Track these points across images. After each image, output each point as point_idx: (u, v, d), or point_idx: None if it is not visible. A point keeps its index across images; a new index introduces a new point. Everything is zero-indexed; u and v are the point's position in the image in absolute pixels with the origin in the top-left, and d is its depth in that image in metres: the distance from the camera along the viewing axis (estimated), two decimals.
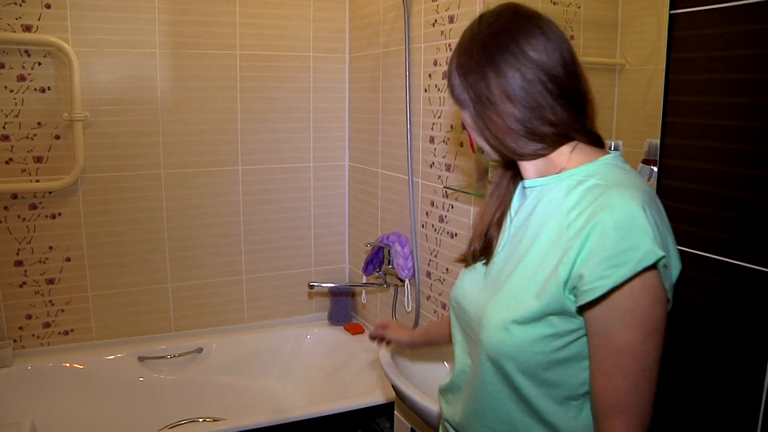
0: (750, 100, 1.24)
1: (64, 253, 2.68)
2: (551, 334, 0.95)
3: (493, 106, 0.98)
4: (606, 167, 0.98)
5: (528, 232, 1.02)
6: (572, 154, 1.01)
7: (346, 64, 3.10)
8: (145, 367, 2.79)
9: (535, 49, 0.96)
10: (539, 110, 0.96)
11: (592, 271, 0.87)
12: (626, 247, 0.85)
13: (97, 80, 2.62)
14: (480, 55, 0.98)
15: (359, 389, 2.61)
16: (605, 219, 0.87)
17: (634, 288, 0.87)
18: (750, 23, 1.23)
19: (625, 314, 0.89)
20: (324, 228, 3.20)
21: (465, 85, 1.01)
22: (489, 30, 0.99)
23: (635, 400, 0.90)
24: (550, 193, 1.01)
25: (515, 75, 0.95)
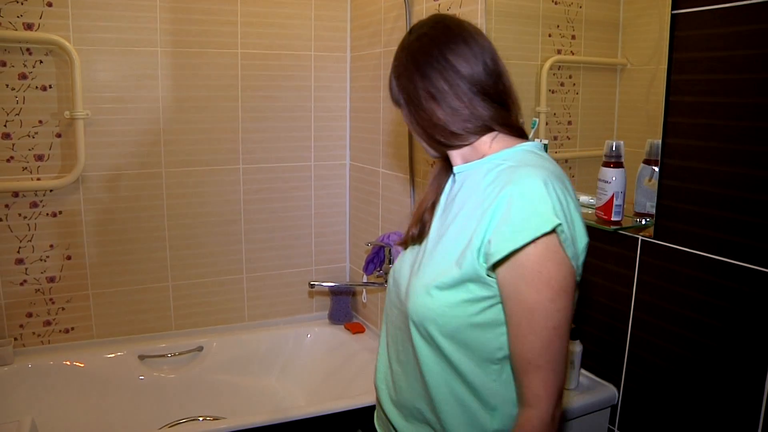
0: (752, 100, 1.24)
1: (65, 251, 2.68)
2: (469, 299, 1.06)
3: (422, 105, 1.13)
4: (522, 153, 1.11)
5: (452, 211, 1.15)
6: (493, 142, 1.14)
7: (348, 63, 3.10)
8: (146, 366, 2.79)
9: (458, 56, 1.10)
10: (461, 108, 1.10)
11: (498, 236, 0.99)
12: (527, 215, 0.98)
13: (99, 78, 2.63)
14: (409, 63, 1.14)
15: (360, 388, 2.61)
16: (511, 191, 1.00)
17: (538, 251, 0.99)
18: (752, 23, 1.23)
19: (532, 276, 0.99)
20: (325, 227, 3.20)
21: (399, 88, 1.17)
22: (418, 41, 1.15)
23: (549, 355, 1.01)
24: (472, 177, 1.14)
25: (439, 79, 1.10)
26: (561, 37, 1.87)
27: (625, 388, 1.65)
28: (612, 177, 1.51)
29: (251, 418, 2.27)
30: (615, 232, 1.62)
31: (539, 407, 1.03)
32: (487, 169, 1.10)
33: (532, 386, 1.03)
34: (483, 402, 1.12)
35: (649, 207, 1.51)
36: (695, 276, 1.40)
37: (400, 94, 1.18)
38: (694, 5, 1.35)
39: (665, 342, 1.50)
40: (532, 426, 1.03)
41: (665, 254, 1.48)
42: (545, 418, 1.03)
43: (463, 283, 1.06)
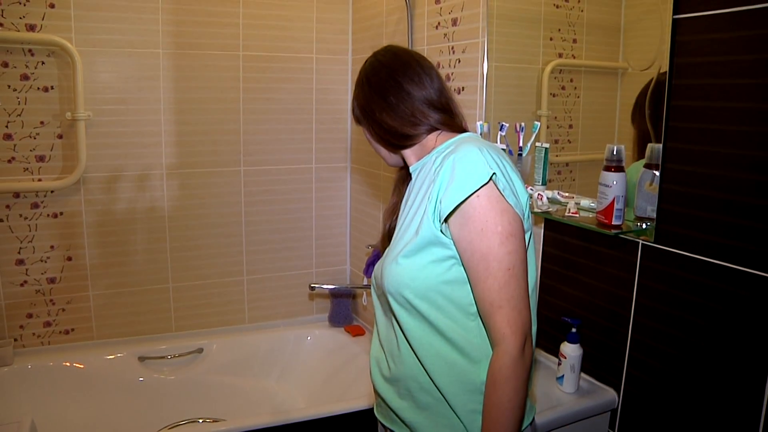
0: (753, 105, 1.24)
1: (66, 252, 2.69)
2: (433, 260, 1.18)
3: (375, 116, 1.30)
4: (462, 139, 1.25)
5: (410, 199, 1.28)
6: (438, 138, 1.29)
7: (349, 65, 3.10)
8: (146, 367, 2.79)
9: (405, 76, 1.29)
10: (408, 116, 1.27)
11: (446, 196, 1.12)
12: (466, 173, 1.11)
13: (100, 80, 2.63)
14: (365, 84, 1.34)
15: (360, 391, 2.61)
16: (451, 159, 1.14)
17: (482, 202, 1.11)
18: (753, 29, 1.23)
19: (480, 225, 1.11)
20: (325, 229, 3.20)
21: (358, 107, 1.36)
22: (371, 66, 1.36)
23: (507, 294, 1.11)
24: (424, 168, 1.28)
25: (389, 95, 1.28)
26: (562, 40, 1.87)
27: (625, 392, 1.65)
28: (613, 181, 1.51)
29: (251, 420, 2.26)
30: (616, 236, 1.62)
31: (506, 343, 1.11)
32: (435, 158, 1.25)
33: (497, 326, 1.12)
34: (467, 357, 1.20)
35: (650, 211, 1.51)
36: (695, 280, 1.40)
37: (360, 111, 1.36)
38: (695, 10, 1.35)
39: (665, 346, 1.50)
40: (502, 362, 1.11)
41: (666, 258, 1.48)
42: (513, 353, 1.11)
43: (426, 247, 1.18)
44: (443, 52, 2.29)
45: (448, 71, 2.27)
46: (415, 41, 2.46)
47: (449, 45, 2.25)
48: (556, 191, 1.76)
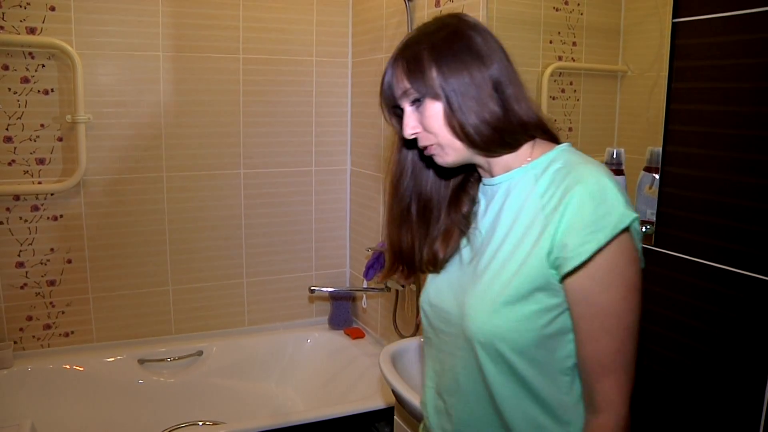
0: (752, 109, 1.25)
1: (66, 254, 2.69)
2: (539, 309, 0.99)
3: (481, 99, 1.01)
4: (564, 153, 1.05)
5: (501, 224, 1.06)
6: (534, 147, 1.07)
7: (349, 68, 3.10)
8: (145, 370, 2.79)
9: (487, 58, 1.03)
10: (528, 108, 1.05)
11: (574, 239, 0.93)
12: (603, 213, 0.93)
13: (101, 83, 2.63)
14: (465, 50, 1.02)
15: (359, 393, 2.61)
16: (580, 191, 0.94)
17: (611, 250, 0.94)
18: (753, 33, 1.23)
19: (604, 276, 0.95)
20: (325, 232, 3.20)
21: (442, 73, 1.02)
22: (467, 24, 1.05)
23: (623, 358, 0.98)
24: (519, 184, 1.06)
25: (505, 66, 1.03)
26: (562, 43, 1.88)
27: None
28: None
29: (251, 422, 2.27)
30: None
31: (613, 411, 0.99)
32: (536, 175, 1.04)
33: (606, 391, 0.99)
34: (557, 419, 1.05)
35: (650, 214, 1.51)
36: (695, 283, 1.40)
37: (453, 86, 1.02)
38: (695, 14, 1.35)
39: (664, 349, 1.50)
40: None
41: (665, 262, 1.48)
42: (622, 423, 0.99)
43: (531, 293, 0.99)
44: None
45: None
46: None
47: None
48: None
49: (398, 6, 2.58)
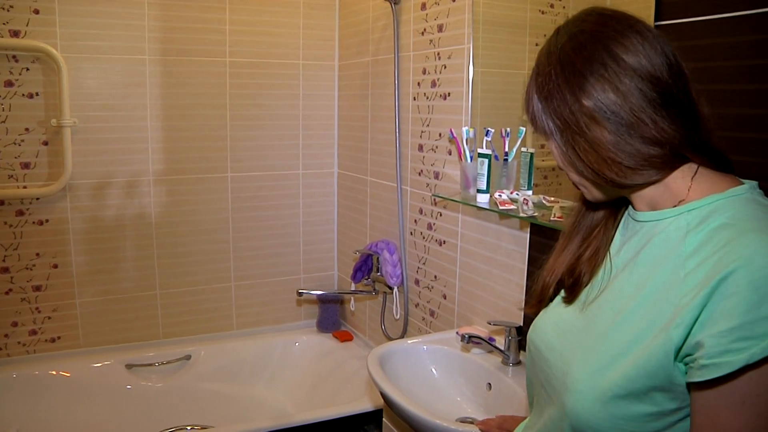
0: (733, 110, 1.26)
1: (52, 259, 2.67)
2: (653, 413, 0.78)
3: (582, 132, 0.81)
4: (739, 201, 0.79)
5: (633, 277, 0.85)
6: (693, 181, 0.82)
7: (336, 71, 3.11)
8: (133, 375, 2.78)
9: (631, 51, 0.80)
10: (639, 128, 0.78)
11: (715, 341, 0.69)
12: (766, 315, 0.67)
13: (86, 86, 2.62)
14: (561, 73, 0.83)
15: (348, 396, 2.61)
16: (739, 273, 0.69)
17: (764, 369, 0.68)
18: (734, 35, 1.25)
19: (745, 399, 0.70)
20: (313, 235, 3.20)
21: (547, 111, 0.85)
22: (571, 42, 0.84)
23: None
24: (665, 231, 0.83)
25: (605, 89, 0.79)
26: None
27: None
28: None
29: (240, 426, 2.26)
30: None
31: None
32: (688, 225, 0.80)
33: None
34: None
35: None
36: None
37: (551, 120, 0.85)
38: (676, 17, 1.36)
39: None
40: None
41: None
42: None
43: (647, 392, 0.77)
44: (429, 58, 2.30)
45: (434, 77, 2.28)
46: (401, 47, 2.47)
47: (435, 51, 2.27)
48: (542, 196, 1.77)
49: (384, 9, 2.59)
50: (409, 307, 2.57)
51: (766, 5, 1.18)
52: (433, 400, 1.82)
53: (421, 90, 2.37)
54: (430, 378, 1.92)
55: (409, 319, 2.58)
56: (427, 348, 1.96)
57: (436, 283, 2.37)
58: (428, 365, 1.94)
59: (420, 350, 1.95)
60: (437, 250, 2.34)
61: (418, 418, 1.54)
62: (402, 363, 1.90)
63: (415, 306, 2.53)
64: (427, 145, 2.35)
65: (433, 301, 2.40)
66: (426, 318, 2.46)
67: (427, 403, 1.74)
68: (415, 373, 1.91)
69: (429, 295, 2.43)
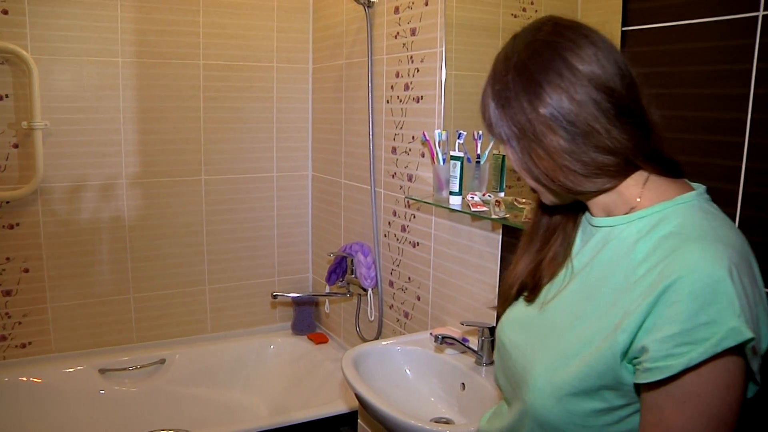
0: (699, 114, 1.29)
1: (22, 264, 2.64)
2: (604, 408, 0.84)
3: (537, 139, 0.83)
4: (686, 209, 0.83)
5: (589, 282, 0.89)
6: (644, 188, 0.86)
7: (310, 74, 3.11)
8: (107, 380, 2.75)
9: (586, 61, 0.82)
10: (594, 137, 0.81)
11: (659, 346, 0.74)
12: (705, 322, 0.71)
13: (58, 88, 2.59)
14: (518, 81, 0.85)
15: (323, 398, 2.61)
16: (681, 282, 0.73)
17: (706, 371, 0.73)
18: (698, 41, 1.28)
19: (687, 399, 0.75)
20: (287, 238, 3.20)
21: (504, 119, 0.87)
22: (527, 50, 0.86)
23: None
24: (618, 237, 0.87)
25: (561, 98, 0.81)
26: None
27: None
28: None
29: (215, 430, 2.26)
30: None
31: None
32: (639, 233, 0.84)
33: None
34: None
35: None
36: None
37: (507, 127, 0.87)
38: (643, 23, 1.39)
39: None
40: None
41: None
42: None
43: (598, 390, 0.83)
44: (402, 61, 2.32)
45: (407, 80, 2.30)
46: (374, 51, 2.49)
47: (408, 54, 2.28)
48: (514, 198, 1.79)
49: (358, 13, 2.60)
50: (383, 309, 2.59)
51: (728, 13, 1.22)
52: (407, 401, 1.83)
53: (395, 93, 2.38)
54: (405, 379, 1.93)
55: (384, 321, 2.59)
56: (401, 349, 1.97)
57: (410, 284, 2.39)
58: (402, 366, 1.95)
59: (394, 351, 1.97)
60: (411, 252, 2.36)
61: (392, 418, 1.55)
62: (376, 364, 1.91)
63: (390, 307, 2.54)
64: (401, 148, 2.37)
65: (407, 303, 2.42)
66: (400, 319, 2.47)
67: (402, 404, 1.75)
68: (389, 374, 1.92)
69: (403, 297, 2.44)
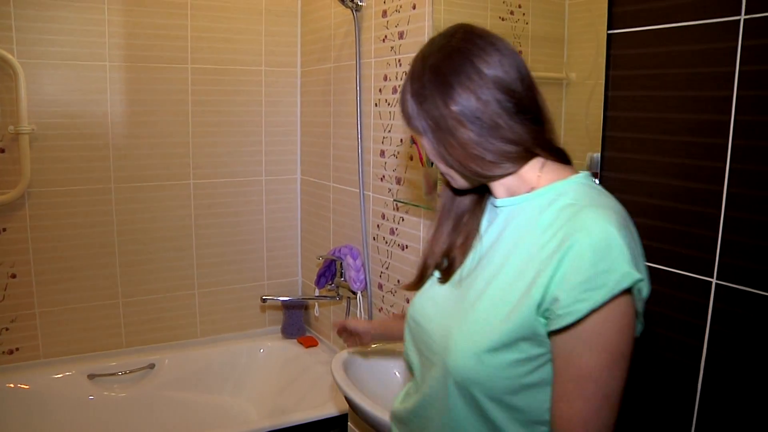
0: (683, 116, 1.31)
1: (10, 269, 2.62)
2: (521, 359, 0.94)
3: (450, 132, 0.96)
4: (577, 186, 0.98)
5: (498, 253, 1.00)
6: (542, 171, 1.00)
7: (298, 78, 3.12)
8: (96, 385, 2.74)
9: (491, 66, 0.95)
10: (498, 130, 0.95)
11: (567, 295, 0.86)
12: (603, 270, 0.85)
13: (45, 93, 2.58)
14: (433, 80, 0.97)
15: (313, 402, 2.61)
16: (581, 240, 0.86)
17: (605, 312, 0.86)
18: (683, 44, 1.29)
19: (591, 338, 0.88)
20: (276, 241, 3.19)
21: (421, 113, 0.99)
22: (440, 52, 0.98)
23: (595, 426, 0.89)
24: (522, 213, 1.00)
25: (470, 97, 0.94)
26: None
27: None
28: None
29: None
30: None
31: None
32: (541, 207, 0.97)
33: None
34: None
35: None
36: None
37: (424, 121, 0.99)
38: (628, 26, 1.41)
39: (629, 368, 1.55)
40: None
41: None
42: None
43: (515, 342, 0.93)
44: (390, 64, 2.33)
45: (395, 83, 2.31)
46: (362, 54, 2.49)
47: (396, 58, 2.29)
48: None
49: (346, 16, 2.61)
50: (372, 312, 2.59)
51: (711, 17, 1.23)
52: None
53: (383, 96, 2.39)
54: (394, 381, 1.93)
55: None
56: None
57: (399, 287, 2.39)
58: (391, 369, 1.95)
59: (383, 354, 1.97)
60: (400, 255, 2.36)
61: (382, 422, 1.55)
62: (366, 367, 1.91)
63: (379, 310, 2.55)
64: (389, 151, 2.38)
65: (396, 306, 2.42)
66: None
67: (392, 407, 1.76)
68: (379, 377, 1.92)
69: (392, 300, 2.45)
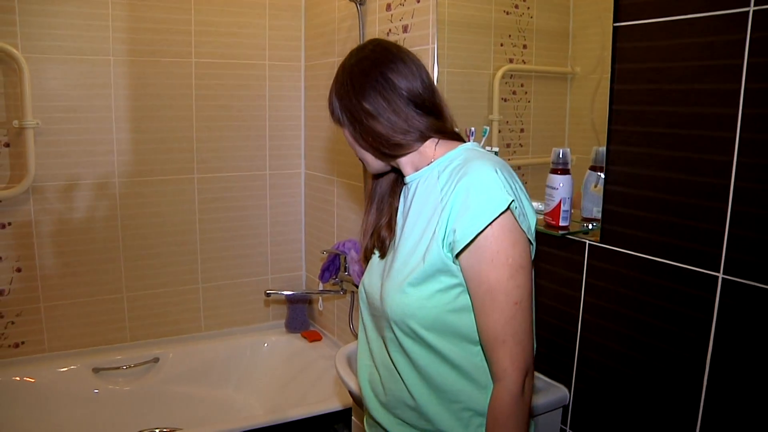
0: (689, 109, 1.30)
1: (15, 263, 2.63)
2: (440, 289, 1.14)
3: (362, 122, 1.21)
4: (465, 151, 1.20)
5: (410, 217, 1.22)
6: (437, 147, 1.22)
7: (302, 72, 3.11)
8: (100, 379, 2.75)
9: (398, 74, 1.20)
10: (399, 122, 1.19)
11: (461, 224, 1.07)
12: (485, 199, 1.06)
13: (49, 87, 2.58)
14: (351, 84, 1.22)
15: (317, 396, 2.61)
16: (466, 182, 1.09)
17: (495, 232, 1.07)
18: (689, 37, 1.28)
19: (491, 256, 1.07)
20: (280, 236, 3.19)
21: (342, 108, 1.25)
22: (359, 64, 1.24)
23: (512, 329, 1.09)
24: (426, 181, 1.22)
25: (377, 98, 1.19)
26: (513, 46, 1.91)
27: (575, 389, 1.69)
28: (559, 183, 1.56)
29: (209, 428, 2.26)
30: (563, 237, 1.66)
31: (507, 380, 1.09)
32: (438, 171, 1.19)
33: (500, 361, 1.10)
34: (474, 383, 1.18)
35: (596, 212, 1.56)
36: (640, 278, 1.45)
37: (343, 114, 1.25)
38: (634, 19, 1.40)
39: (613, 343, 1.55)
40: (502, 399, 1.10)
41: (611, 257, 1.53)
42: (514, 390, 1.09)
43: (433, 275, 1.13)
44: None
45: None
46: None
47: None
48: None
49: (350, 10, 2.60)
50: None
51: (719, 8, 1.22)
52: None
53: None
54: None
55: None
56: None
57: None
58: None
59: None
60: None
61: None
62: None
63: None
64: None
65: None
66: None
67: None
68: None
69: None
